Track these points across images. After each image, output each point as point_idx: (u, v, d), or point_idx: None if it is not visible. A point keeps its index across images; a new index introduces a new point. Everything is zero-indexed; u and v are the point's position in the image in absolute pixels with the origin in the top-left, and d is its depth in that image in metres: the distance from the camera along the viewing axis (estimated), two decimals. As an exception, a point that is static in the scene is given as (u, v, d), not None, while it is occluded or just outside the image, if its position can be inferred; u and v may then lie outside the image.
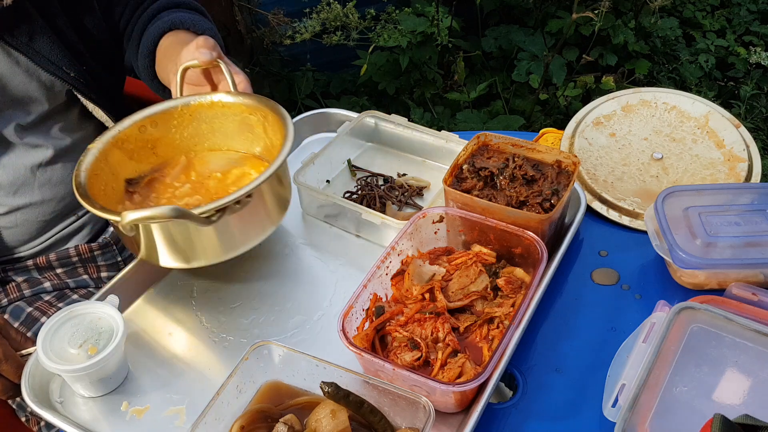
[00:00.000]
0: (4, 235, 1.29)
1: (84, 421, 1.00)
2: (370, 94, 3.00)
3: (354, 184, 1.37)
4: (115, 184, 1.15)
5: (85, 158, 1.10)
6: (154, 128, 1.19)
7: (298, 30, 2.68)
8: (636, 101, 1.44)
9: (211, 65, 1.15)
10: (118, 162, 1.15)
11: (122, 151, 1.16)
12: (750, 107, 3.05)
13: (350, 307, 0.99)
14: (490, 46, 2.98)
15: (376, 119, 1.43)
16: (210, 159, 1.24)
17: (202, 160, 1.23)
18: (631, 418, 0.88)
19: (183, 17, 1.32)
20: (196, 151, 1.24)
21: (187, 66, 1.16)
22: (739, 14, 3.41)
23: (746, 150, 1.31)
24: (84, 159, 1.10)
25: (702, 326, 0.98)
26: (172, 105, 1.19)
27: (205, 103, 1.19)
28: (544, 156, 1.20)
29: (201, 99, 1.19)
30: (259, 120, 1.18)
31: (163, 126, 1.20)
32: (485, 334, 1.02)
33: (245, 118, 1.19)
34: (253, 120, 1.19)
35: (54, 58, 1.25)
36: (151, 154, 1.21)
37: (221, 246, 1.05)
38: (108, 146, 1.14)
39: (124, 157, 1.16)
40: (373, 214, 1.20)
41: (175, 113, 1.19)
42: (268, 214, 1.09)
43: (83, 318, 1.03)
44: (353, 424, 0.90)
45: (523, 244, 1.08)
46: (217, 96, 1.18)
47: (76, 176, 1.06)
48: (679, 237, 1.10)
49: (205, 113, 1.20)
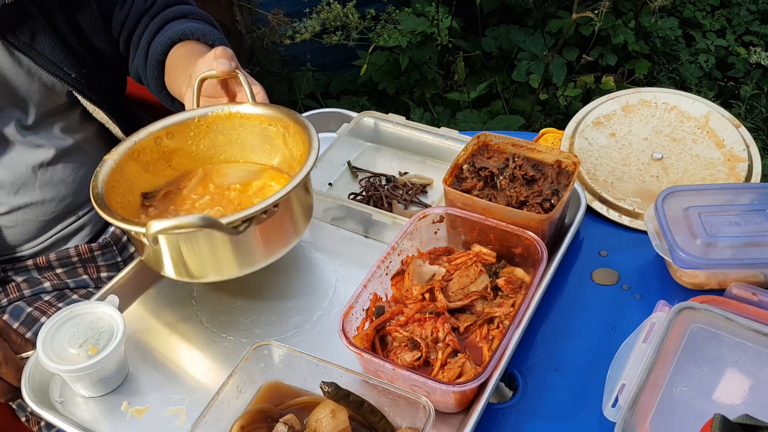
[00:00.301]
0: (5, 235, 1.29)
1: (84, 421, 1.00)
2: (370, 94, 3.00)
3: (355, 185, 1.37)
4: (131, 197, 1.13)
5: (101, 169, 1.07)
6: (170, 140, 1.17)
7: (298, 30, 2.68)
8: (636, 101, 1.44)
9: (230, 76, 1.13)
10: (134, 174, 1.13)
11: (138, 163, 1.13)
12: (750, 107, 3.05)
13: (350, 307, 0.99)
14: (490, 46, 2.98)
15: (375, 119, 1.44)
16: (227, 171, 1.21)
17: (220, 172, 1.21)
18: (631, 418, 0.89)
19: (193, 27, 1.30)
20: (213, 164, 1.21)
21: (205, 77, 1.13)
22: (739, 14, 3.41)
23: (746, 150, 1.31)
24: (100, 170, 1.07)
25: (702, 326, 0.98)
26: (189, 116, 1.16)
27: (223, 114, 1.17)
28: (544, 156, 1.20)
29: (219, 110, 1.16)
30: (278, 131, 1.16)
31: (180, 137, 1.17)
32: (485, 334, 1.02)
33: (264, 129, 1.17)
34: (272, 131, 1.16)
35: (55, 59, 1.24)
36: (166, 167, 1.18)
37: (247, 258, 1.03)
38: (124, 158, 1.11)
39: (139, 169, 1.14)
40: (383, 215, 1.21)
41: (192, 124, 1.17)
42: (294, 224, 1.07)
43: (83, 318, 1.03)
44: (353, 424, 0.90)
45: (523, 244, 1.08)
46: (235, 107, 1.16)
47: (94, 187, 1.04)
48: (679, 237, 1.10)
49: (222, 124, 1.18)
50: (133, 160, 1.13)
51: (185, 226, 0.90)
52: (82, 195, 1.36)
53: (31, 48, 1.22)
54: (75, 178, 1.34)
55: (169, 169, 1.19)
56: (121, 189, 1.10)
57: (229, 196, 1.15)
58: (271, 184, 1.17)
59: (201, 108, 1.16)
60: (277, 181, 1.17)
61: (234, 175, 1.20)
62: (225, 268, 1.01)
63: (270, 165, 1.21)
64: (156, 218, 1.08)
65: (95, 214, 1.39)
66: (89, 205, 1.38)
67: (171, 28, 1.31)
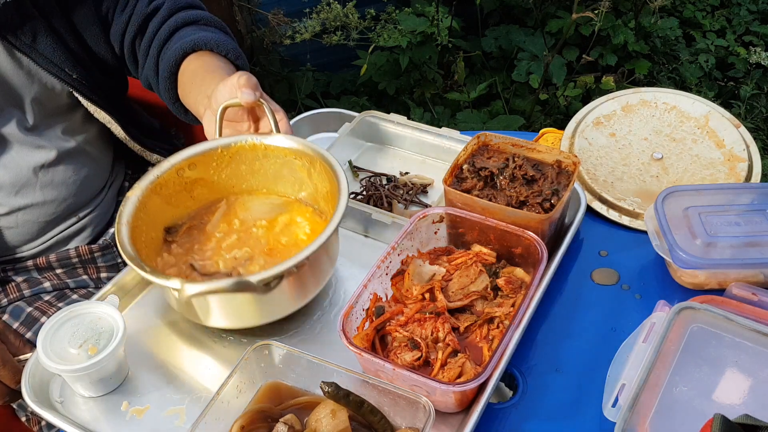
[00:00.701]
0: (5, 235, 1.29)
1: (84, 421, 1.00)
2: (370, 94, 3.00)
3: (357, 184, 1.37)
4: (154, 233, 1.12)
5: (124, 209, 1.05)
6: (192, 170, 1.15)
7: (298, 30, 2.68)
8: (636, 101, 1.44)
9: (254, 105, 1.10)
10: (157, 209, 1.11)
11: (160, 197, 1.12)
12: (750, 107, 3.05)
13: (350, 307, 0.99)
14: (490, 46, 2.98)
15: (375, 119, 1.44)
16: (251, 204, 1.20)
17: (243, 205, 1.19)
18: (631, 418, 0.89)
19: (206, 37, 1.25)
20: (235, 194, 1.20)
21: (228, 105, 1.11)
22: (739, 14, 3.41)
23: (746, 150, 1.31)
24: (124, 209, 1.05)
25: (702, 326, 0.98)
26: (211, 146, 1.15)
27: (247, 146, 1.15)
28: (544, 156, 1.20)
29: (242, 141, 1.14)
30: (303, 165, 1.14)
31: (202, 167, 1.15)
32: (485, 334, 1.02)
33: (289, 161, 1.15)
34: (297, 164, 1.15)
35: (56, 60, 1.24)
36: (188, 198, 1.17)
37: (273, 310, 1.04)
38: (147, 193, 1.09)
39: (162, 203, 1.12)
40: (383, 214, 1.21)
41: (215, 155, 1.15)
42: (322, 272, 1.07)
43: (83, 318, 1.02)
44: (353, 424, 0.90)
45: (523, 244, 1.08)
46: (259, 138, 1.14)
47: (118, 232, 1.02)
48: (679, 237, 1.10)
49: (246, 155, 1.16)
50: (155, 194, 1.11)
51: (219, 290, 0.91)
52: (83, 196, 1.36)
53: (31, 48, 1.21)
54: (76, 179, 1.34)
55: (191, 200, 1.18)
56: (145, 227, 1.08)
57: (257, 234, 1.13)
58: (297, 220, 1.16)
59: (224, 138, 1.15)
60: (302, 216, 1.17)
61: (258, 209, 1.18)
62: (247, 319, 1.01)
63: (295, 198, 1.20)
64: (180, 256, 1.10)
65: (96, 215, 1.39)
66: (90, 207, 1.38)
67: (182, 37, 1.27)
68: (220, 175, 1.18)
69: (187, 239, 1.15)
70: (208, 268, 1.09)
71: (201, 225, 1.17)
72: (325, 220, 1.14)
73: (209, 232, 1.15)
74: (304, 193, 1.19)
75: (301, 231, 1.15)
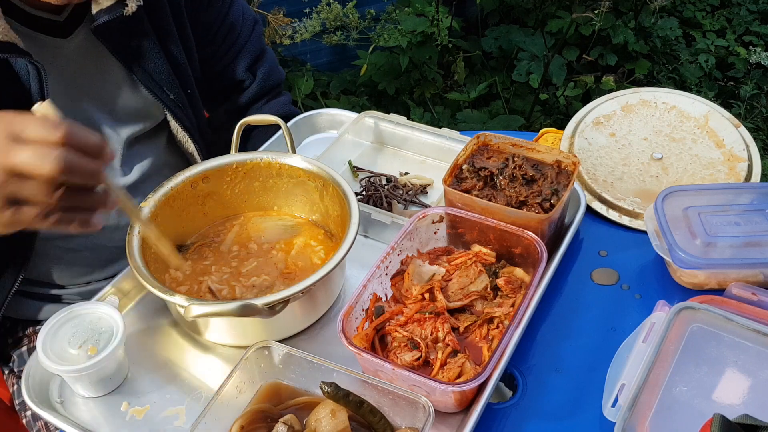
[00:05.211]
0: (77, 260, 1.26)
1: (84, 421, 1.00)
2: (370, 94, 3.00)
3: (356, 184, 1.37)
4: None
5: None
6: (206, 184, 1.17)
7: (298, 30, 2.68)
8: (636, 101, 1.44)
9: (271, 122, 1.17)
10: (168, 221, 1.12)
11: (172, 209, 1.14)
12: (750, 107, 3.05)
13: (350, 307, 0.99)
14: (490, 46, 2.98)
15: (375, 119, 1.44)
16: (263, 226, 1.21)
17: (256, 226, 1.21)
18: (630, 418, 0.89)
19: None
20: (246, 210, 1.22)
21: (246, 122, 1.16)
22: (739, 14, 3.41)
23: (746, 150, 1.32)
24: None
25: (702, 326, 0.98)
26: (227, 161, 1.18)
27: (262, 164, 1.18)
28: (544, 156, 1.20)
29: (258, 158, 1.18)
30: (316, 187, 1.17)
31: (215, 181, 1.18)
32: (485, 334, 1.02)
33: (302, 182, 1.18)
34: (311, 186, 1.18)
35: (157, 78, 1.22)
36: (199, 212, 1.19)
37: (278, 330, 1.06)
38: (159, 205, 1.11)
39: (173, 215, 1.14)
40: (383, 214, 1.21)
41: (230, 170, 1.18)
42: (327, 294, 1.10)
43: (83, 318, 1.02)
44: (353, 424, 0.90)
45: (523, 244, 1.08)
46: (275, 157, 1.17)
47: (129, 243, 1.03)
48: (678, 237, 1.10)
49: (260, 172, 1.19)
50: (168, 206, 1.12)
51: (224, 313, 0.93)
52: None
53: (138, 65, 1.19)
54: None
55: (202, 215, 1.19)
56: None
57: (276, 260, 1.15)
58: (311, 243, 1.18)
59: (240, 154, 1.18)
60: (315, 239, 1.18)
61: (272, 232, 1.20)
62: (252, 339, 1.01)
63: (307, 219, 1.22)
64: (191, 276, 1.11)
65: None
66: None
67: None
68: (233, 191, 1.20)
69: (198, 257, 1.15)
70: (225, 295, 1.10)
71: (214, 244, 1.18)
72: (336, 243, 1.15)
73: (223, 251, 1.17)
74: (316, 216, 1.21)
75: (316, 256, 1.16)
